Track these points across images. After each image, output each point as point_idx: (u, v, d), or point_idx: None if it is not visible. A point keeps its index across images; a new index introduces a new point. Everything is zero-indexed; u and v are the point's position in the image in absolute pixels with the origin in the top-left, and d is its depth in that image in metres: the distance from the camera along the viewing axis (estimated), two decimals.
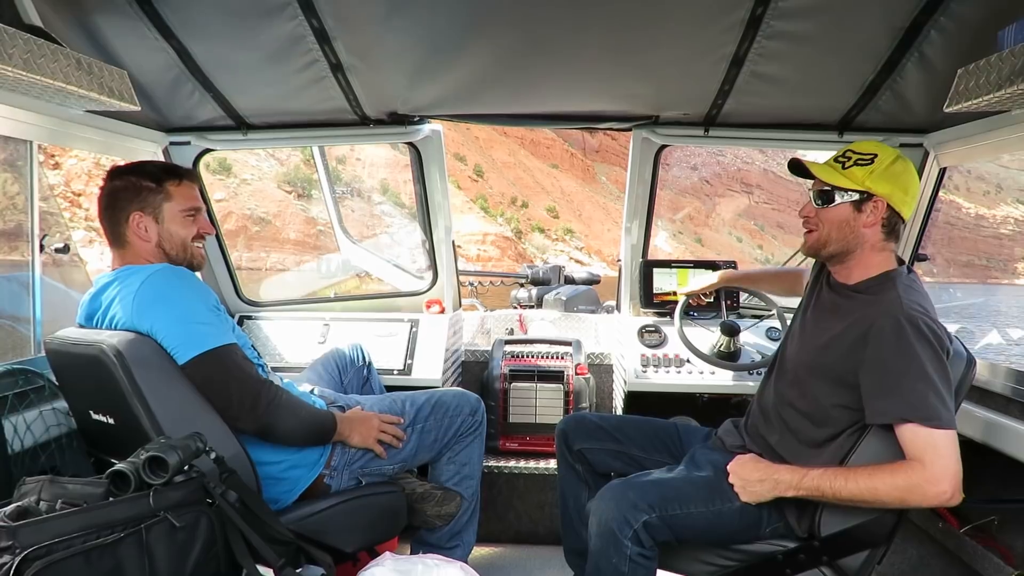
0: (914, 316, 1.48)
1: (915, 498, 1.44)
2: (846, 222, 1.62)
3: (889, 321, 1.49)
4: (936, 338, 1.47)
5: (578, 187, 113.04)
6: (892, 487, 1.43)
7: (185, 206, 1.77)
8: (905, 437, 1.45)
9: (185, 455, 1.34)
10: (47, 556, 1.14)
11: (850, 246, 1.64)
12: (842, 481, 1.48)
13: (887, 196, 1.59)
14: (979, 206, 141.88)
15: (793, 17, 1.72)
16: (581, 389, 2.78)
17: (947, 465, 1.41)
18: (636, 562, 1.55)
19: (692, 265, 2.83)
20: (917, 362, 1.45)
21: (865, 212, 1.60)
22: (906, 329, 1.47)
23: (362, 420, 1.89)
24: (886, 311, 1.52)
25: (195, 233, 1.80)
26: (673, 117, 2.40)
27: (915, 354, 1.46)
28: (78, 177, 40.95)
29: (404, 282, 3.49)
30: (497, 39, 1.91)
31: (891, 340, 1.48)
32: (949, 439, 1.43)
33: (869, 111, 2.15)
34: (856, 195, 1.60)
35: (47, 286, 2.24)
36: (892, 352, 1.48)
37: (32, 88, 1.48)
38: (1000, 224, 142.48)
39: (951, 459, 1.42)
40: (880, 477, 1.45)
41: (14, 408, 1.76)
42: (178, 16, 1.76)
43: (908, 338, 1.47)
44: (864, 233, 1.61)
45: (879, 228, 1.61)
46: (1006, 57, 1.37)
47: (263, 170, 57.20)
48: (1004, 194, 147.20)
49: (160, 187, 1.75)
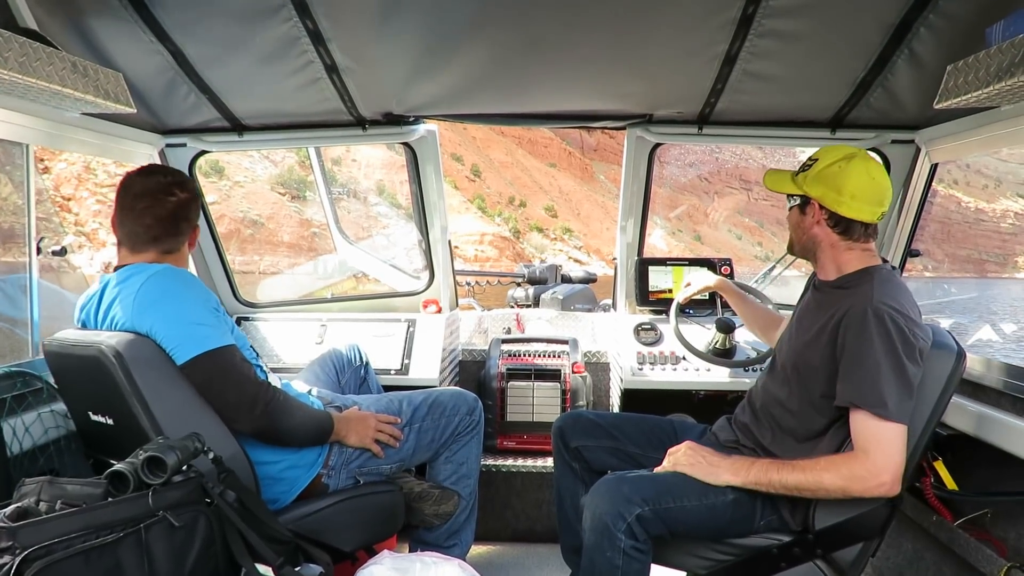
0: (880, 309, 1.52)
1: (856, 488, 1.49)
2: (797, 224, 1.75)
3: (858, 311, 1.54)
4: (899, 333, 1.50)
5: (576, 186, 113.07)
6: (836, 476, 1.49)
7: None
8: (855, 425, 1.51)
9: (184, 455, 1.35)
10: (47, 556, 1.15)
11: (807, 246, 1.75)
12: (788, 470, 1.54)
13: (819, 198, 1.67)
14: (978, 200, 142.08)
15: (784, 15, 1.73)
16: (578, 387, 2.79)
17: (889, 457, 1.46)
18: (630, 555, 1.56)
19: (687, 263, 2.84)
20: (874, 353, 1.50)
21: (808, 214, 1.71)
22: (870, 320, 1.51)
23: (359, 420, 1.90)
24: (858, 302, 1.56)
25: (193, 242, 1.90)
26: (667, 115, 2.41)
27: (874, 345, 1.50)
28: (67, 181, 40.75)
29: (401, 282, 3.49)
30: (491, 39, 1.92)
31: (855, 328, 1.54)
32: (895, 432, 1.47)
33: (861, 108, 2.16)
34: (798, 199, 1.73)
35: (44, 288, 2.24)
36: (854, 339, 1.54)
37: (28, 91, 1.49)
38: (1000, 218, 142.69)
39: (894, 452, 1.47)
40: (825, 467, 1.51)
41: (13, 410, 1.77)
42: (173, 18, 1.77)
43: (870, 329, 1.51)
44: (814, 233, 1.71)
45: (827, 228, 1.68)
46: (994, 54, 1.38)
47: (256, 172, 57.04)
48: (1004, 188, 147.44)
49: (200, 204, 1.92)
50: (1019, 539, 1.81)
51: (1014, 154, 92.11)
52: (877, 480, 1.46)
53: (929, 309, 10.39)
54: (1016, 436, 1.73)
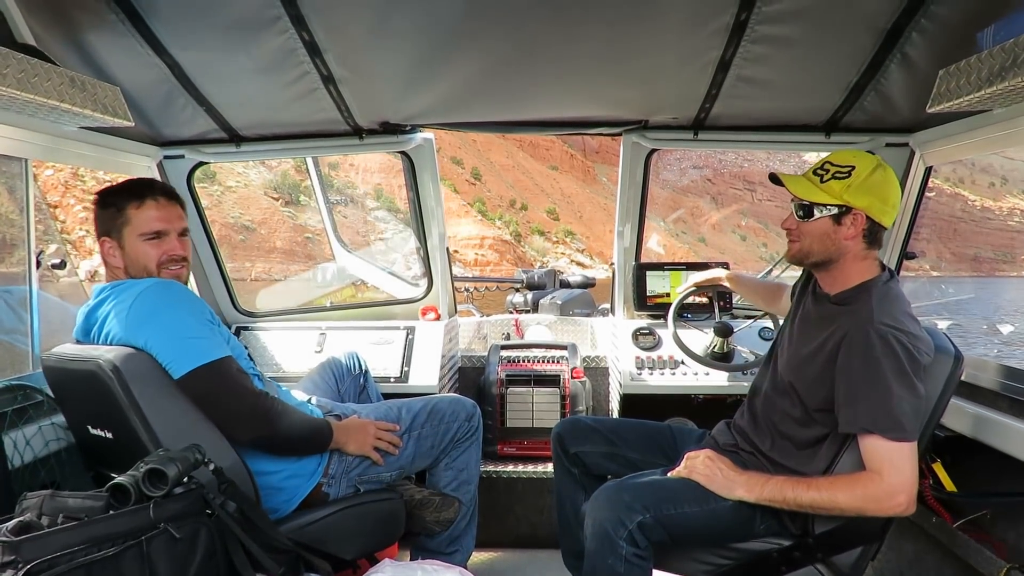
0: (883, 330, 1.50)
1: (872, 508, 1.49)
2: (827, 235, 1.63)
3: (859, 333, 1.52)
4: (905, 351, 1.49)
5: (579, 188, 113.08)
6: (851, 497, 1.48)
7: (144, 230, 1.72)
8: (866, 448, 1.50)
9: (184, 467, 1.35)
10: (50, 570, 1.15)
11: (832, 256, 1.65)
12: (803, 488, 1.53)
13: (866, 208, 1.60)
14: (984, 199, 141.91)
15: (777, 21, 1.74)
16: (577, 393, 2.80)
17: (905, 478, 1.46)
18: (631, 562, 1.56)
19: (685, 267, 2.85)
20: (882, 375, 1.48)
21: (845, 225, 1.61)
22: (874, 342, 1.50)
23: (358, 428, 1.91)
24: (857, 323, 1.54)
25: (160, 258, 1.74)
26: (662, 121, 2.43)
27: (880, 367, 1.49)
28: (54, 188, 40.49)
29: (399, 290, 3.50)
30: (486, 48, 1.93)
31: (859, 351, 1.52)
32: (907, 452, 1.47)
33: (855, 112, 2.17)
34: (835, 209, 1.61)
35: (43, 301, 2.25)
36: (859, 363, 1.51)
37: (26, 107, 1.50)
38: (1007, 216, 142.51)
39: (908, 472, 1.46)
40: (840, 487, 1.50)
41: (13, 424, 1.77)
42: (169, 31, 1.78)
43: (875, 351, 1.49)
44: (846, 244, 1.63)
45: (860, 239, 1.63)
46: (985, 58, 1.39)
47: (250, 177, 56.82)
48: (1010, 186, 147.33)
49: (121, 212, 1.72)
50: (1019, 540, 1.81)
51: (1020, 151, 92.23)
52: (893, 501, 1.46)
53: (932, 310, 10.35)
54: (1014, 437, 1.74)
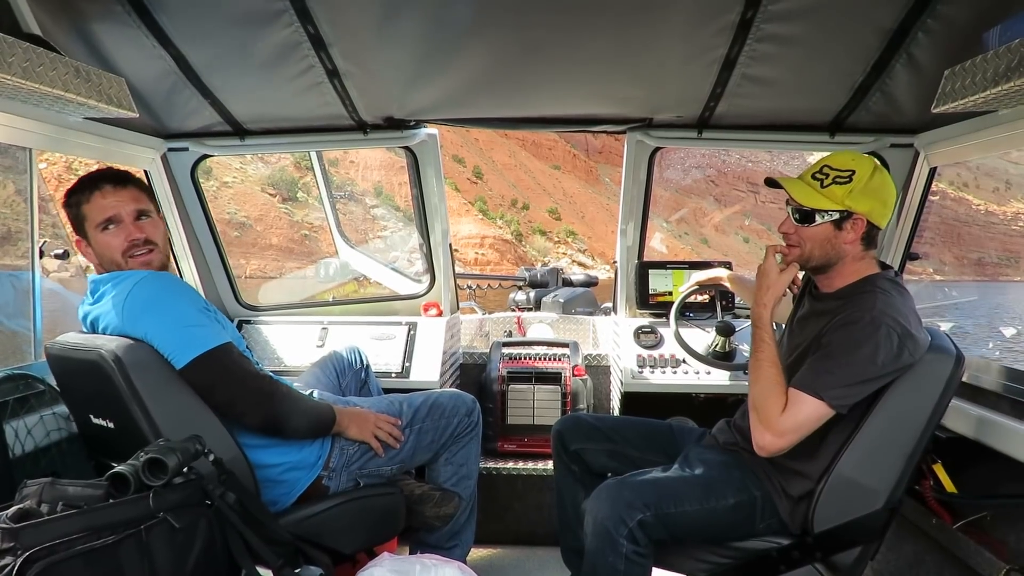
0: (880, 319, 1.50)
1: (757, 428, 1.57)
2: (827, 240, 1.64)
3: (856, 313, 1.53)
4: (888, 346, 1.49)
5: (581, 188, 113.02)
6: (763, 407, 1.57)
7: (97, 220, 1.69)
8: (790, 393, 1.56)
9: (184, 457, 1.36)
10: (48, 557, 1.16)
11: (832, 260, 1.67)
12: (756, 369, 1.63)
13: (868, 213, 1.61)
14: (988, 203, 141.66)
15: (783, 20, 1.74)
16: (578, 390, 2.80)
17: (788, 426, 1.52)
18: (632, 560, 1.56)
19: (688, 266, 2.85)
20: (849, 354, 1.50)
21: (845, 229, 1.62)
22: (864, 326, 1.50)
23: (360, 414, 1.91)
24: (857, 309, 1.55)
25: (122, 247, 1.70)
26: (666, 120, 2.42)
27: (857, 350, 1.50)
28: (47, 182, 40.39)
29: (402, 285, 3.50)
30: (491, 43, 1.93)
31: (847, 328, 1.53)
32: (812, 407, 1.51)
33: (859, 112, 2.17)
34: (836, 214, 1.62)
35: (45, 291, 2.26)
36: (838, 337, 1.54)
37: (31, 96, 1.50)
38: (1011, 220, 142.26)
39: (801, 422, 1.52)
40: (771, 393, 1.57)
41: (15, 413, 1.78)
42: (175, 24, 1.78)
43: (858, 334, 1.50)
44: (845, 248, 1.64)
45: (859, 242, 1.64)
46: (991, 58, 1.39)
47: (247, 172, 56.59)
48: (1014, 190, 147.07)
49: (79, 209, 1.70)
50: (1019, 541, 1.81)
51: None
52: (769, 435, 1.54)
53: (933, 312, 10.36)
54: (1015, 439, 1.73)
